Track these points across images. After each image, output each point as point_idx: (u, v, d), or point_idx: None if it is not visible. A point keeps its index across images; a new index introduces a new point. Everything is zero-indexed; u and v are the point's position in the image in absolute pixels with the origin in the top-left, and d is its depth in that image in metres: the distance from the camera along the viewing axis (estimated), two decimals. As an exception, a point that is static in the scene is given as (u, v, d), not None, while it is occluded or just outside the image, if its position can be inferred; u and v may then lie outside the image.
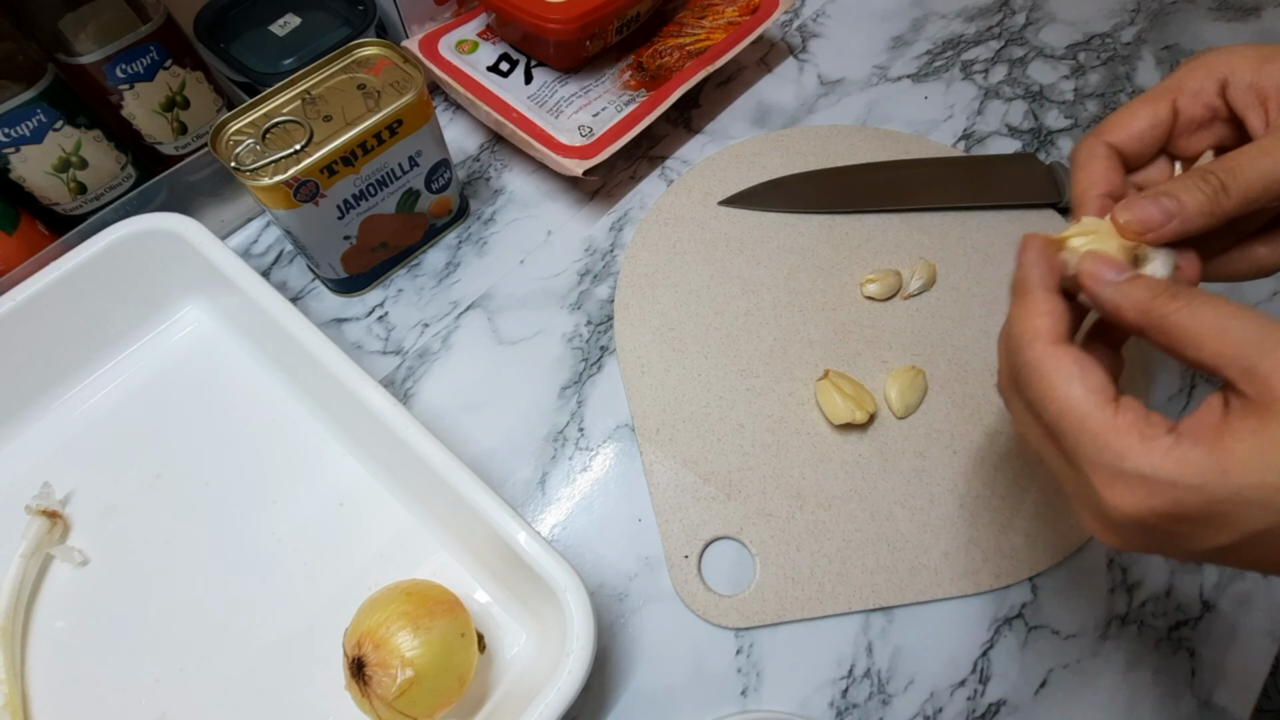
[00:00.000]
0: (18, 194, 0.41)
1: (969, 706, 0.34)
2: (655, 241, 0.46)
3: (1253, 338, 0.20)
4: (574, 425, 0.40)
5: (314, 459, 0.38)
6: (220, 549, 0.36)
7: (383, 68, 0.39)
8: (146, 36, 0.40)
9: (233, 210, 0.47)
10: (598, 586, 0.36)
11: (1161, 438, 0.21)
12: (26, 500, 0.36)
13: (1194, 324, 0.21)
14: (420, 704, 0.28)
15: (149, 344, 0.41)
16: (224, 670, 0.33)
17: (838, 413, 0.38)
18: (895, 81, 0.54)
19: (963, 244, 0.46)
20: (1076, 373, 0.22)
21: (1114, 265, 0.24)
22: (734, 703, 0.34)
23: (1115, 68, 0.55)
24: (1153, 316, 0.22)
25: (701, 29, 0.51)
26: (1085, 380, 0.22)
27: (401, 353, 0.43)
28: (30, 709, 0.33)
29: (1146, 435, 0.21)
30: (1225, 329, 0.20)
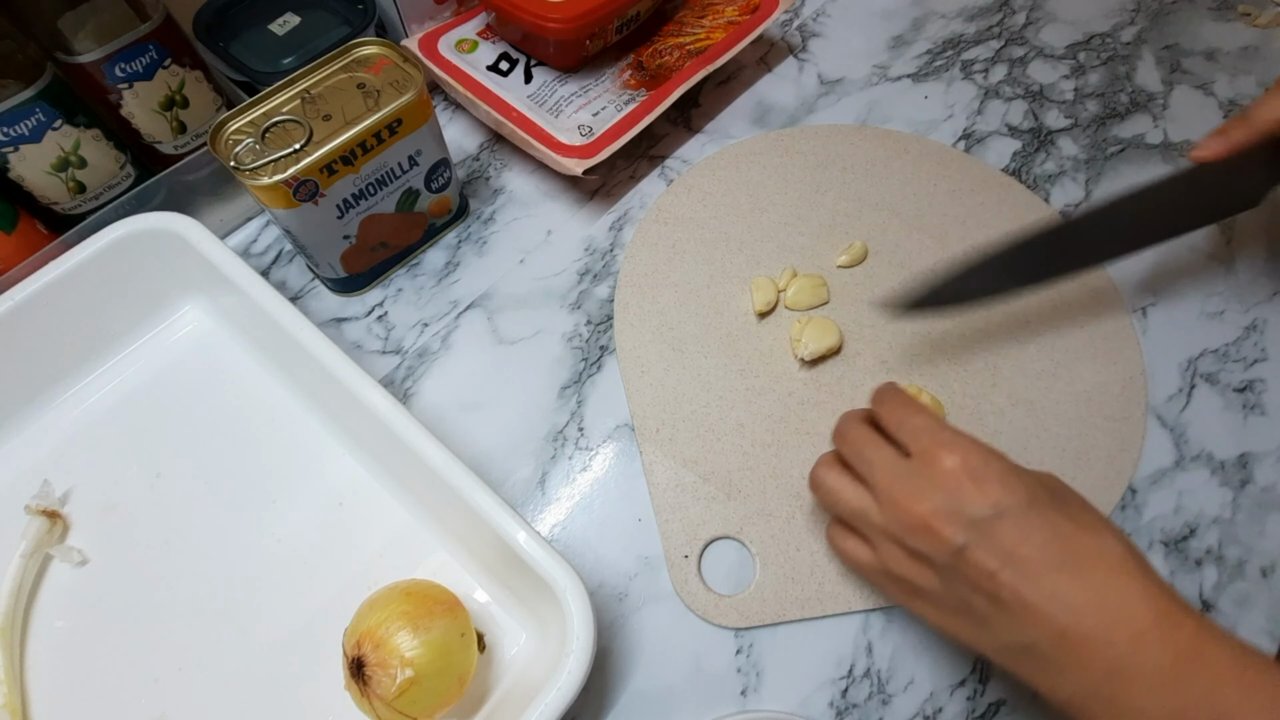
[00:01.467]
0: (17, 193, 0.41)
1: (969, 706, 0.34)
2: (655, 241, 0.46)
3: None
4: (574, 425, 0.40)
5: (314, 459, 0.38)
6: (220, 549, 0.36)
7: (382, 67, 0.39)
8: (146, 35, 0.40)
9: (232, 209, 0.47)
10: (598, 586, 0.36)
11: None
12: (26, 500, 0.36)
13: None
14: (420, 704, 0.28)
15: (148, 343, 0.41)
16: (224, 670, 0.33)
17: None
18: (895, 81, 0.54)
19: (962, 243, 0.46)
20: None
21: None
22: (734, 703, 0.34)
23: (1115, 67, 0.55)
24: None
25: (701, 28, 0.50)
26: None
27: (401, 352, 0.43)
28: (30, 709, 0.33)
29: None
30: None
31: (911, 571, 0.28)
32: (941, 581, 0.27)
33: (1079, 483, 0.38)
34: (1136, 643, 0.23)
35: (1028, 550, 0.25)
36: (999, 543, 0.25)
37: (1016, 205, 0.47)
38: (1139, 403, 0.40)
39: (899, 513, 0.28)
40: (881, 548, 0.29)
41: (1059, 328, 0.42)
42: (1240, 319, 0.44)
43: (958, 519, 0.26)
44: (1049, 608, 0.24)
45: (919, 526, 0.27)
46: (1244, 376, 0.42)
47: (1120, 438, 0.39)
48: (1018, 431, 0.39)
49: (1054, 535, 0.25)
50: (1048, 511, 0.26)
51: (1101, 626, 0.24)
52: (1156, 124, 0.52)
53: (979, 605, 0.26)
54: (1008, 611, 0.25)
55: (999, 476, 0.27)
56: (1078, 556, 0.25)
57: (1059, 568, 0.25)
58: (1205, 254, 0.46)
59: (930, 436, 0.28)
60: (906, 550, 0.28)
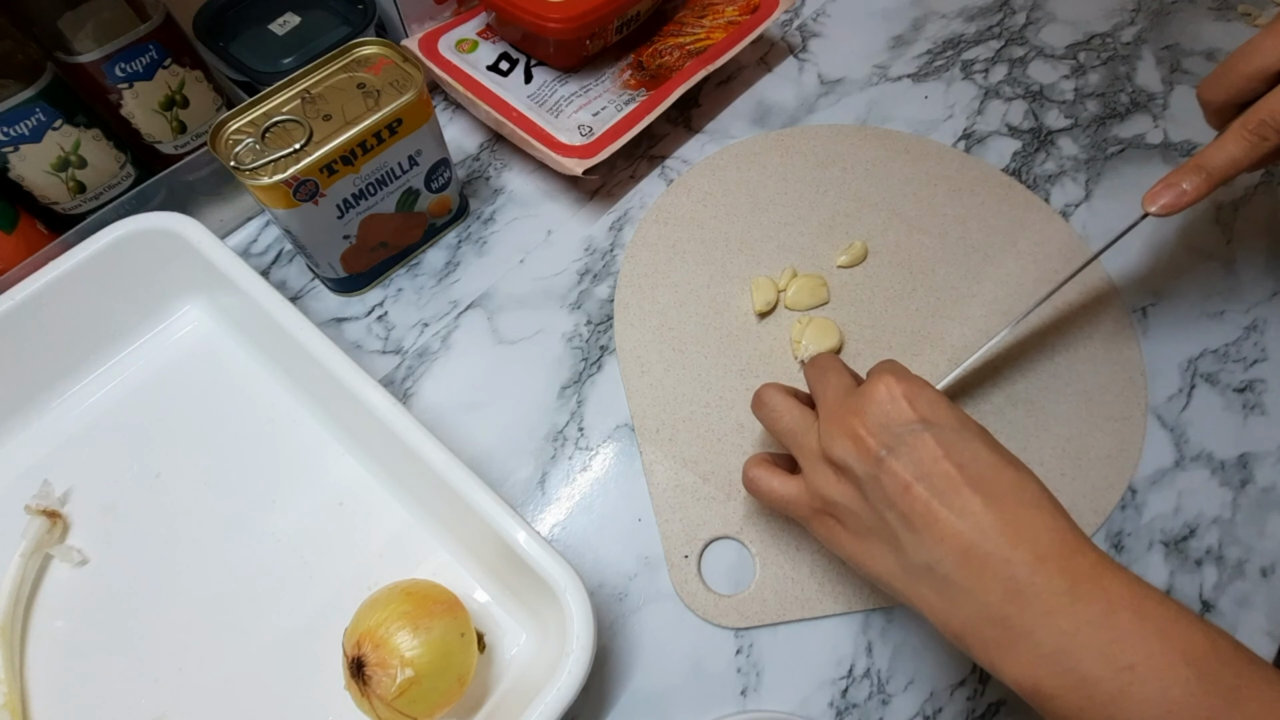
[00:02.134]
0: (16, 193, 0.41)
1: (969, 706, 0.34)
2: (655, 241, 0.46)
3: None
4: (574, 425, 0.40)
5: (314, 459, 0.38)
6: (220, 549, 0.36)
7: (382, 67, 0.39)
8: (146, 35, 0.40)
9: (232, 209, 0.47)
10: (597, 586, 0.36)
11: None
12: (26, 500, 0.35)
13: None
14: (420, 704, 0.28)
15: (148, 343, 0.41)
16: (224, 670, 0.33)
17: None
18: (895, 81, 0.54)
19: (962, 243, 0.46)
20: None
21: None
22: (734, 703, 0.34)
23: (1115, 67, 0.55)
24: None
25: (701, 28, 0.50)
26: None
27: (401, 352, 0.43)
28: (29, 709, 0.33)
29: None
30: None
31: (836, 490, 0.28)
32: (862, 498, 0.28)
33: (1079, 483, 0.38)
34: (1037, 565, 0.23)
35: (944, 467, 0.25)
36: (918, 455, 0.26)
37: (1016, 205, 0.47)
38: (1139, 403, 0.40)
39: (836, 425, 0.29)
40: (810, 470, 0.30)
41: (1059, 327, 0.42)
42: (1240, 319, 0.44)
43: (884, 430, 0.27)
44: (956, 524, 0.25)
45: (847, 433, 0.28)
46: (1244, 376, 0.42)
47: (1120, 438, 0.39)
48: (1018, 431, 0.39)
49: (973, 459, 0.26)
50: (971, 439, 0.26)
51: (1005, 546, 0.24)
52: (1157, 124, 0.52)
53: (891, 521, 0.26)
54: (916, 527, 0.25)
55: (930, 401, 0.28)
56: (992, 484, 0.25)
57: (973, 488, 0.25)
58: (1205, 254, 0.46)
59: (884, 368, 0.29)
60: (833, 466, 0.29)
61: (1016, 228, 0.46)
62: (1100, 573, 0.23)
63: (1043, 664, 0.23)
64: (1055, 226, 0.47)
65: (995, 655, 0.24)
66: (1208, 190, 0.32)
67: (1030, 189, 0.48)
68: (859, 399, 0.29)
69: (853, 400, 0.29)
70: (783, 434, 0.32)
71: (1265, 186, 0.49)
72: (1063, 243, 0.46)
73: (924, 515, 0.25)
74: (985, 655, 0.24)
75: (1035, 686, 0.23)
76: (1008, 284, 0.44)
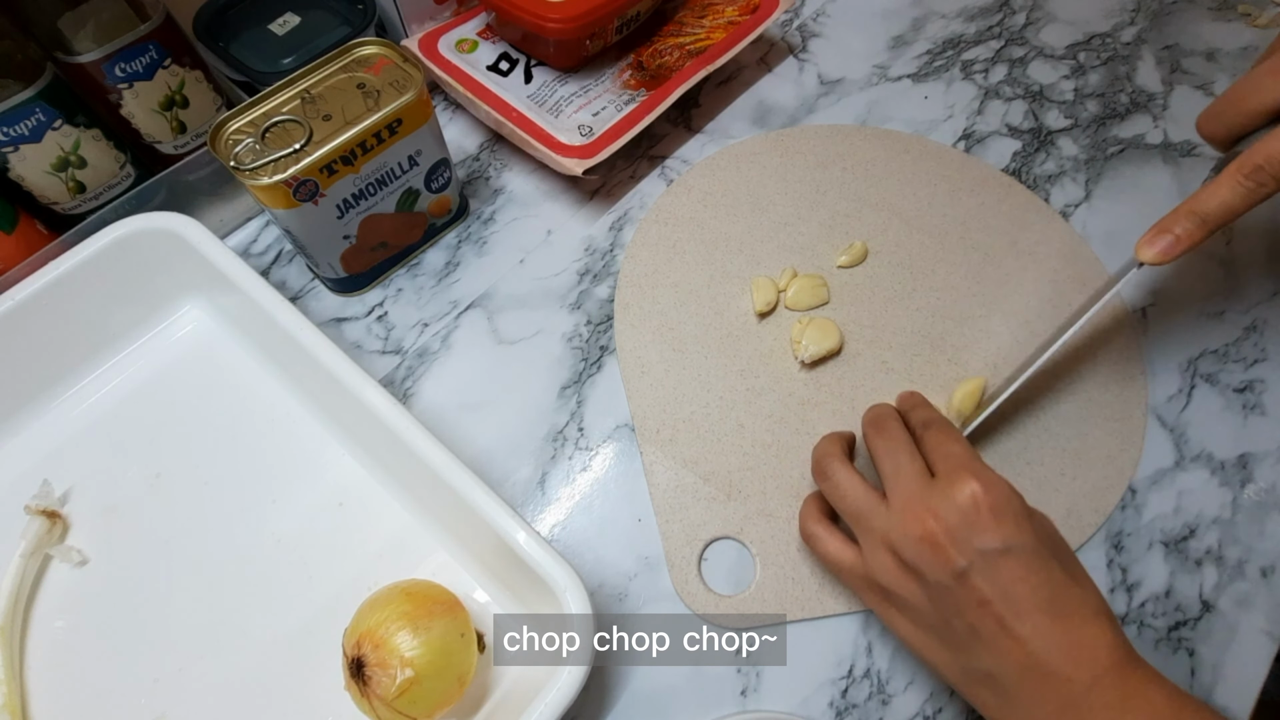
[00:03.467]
0: (16, 193, 0.41)
1: (969, 706, 0.34)
2: (655, 241, 0.46)
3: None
4: (574, 425, 0.40)
5: (314, 459, 0.38)
6: (220, 549, 0.36)
7: (382, 67, 0.39)
8: (146, 35, 0.40)
9: (232, 209, 0.47)
10: (597, 586, 0.36)
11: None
12: (26, 500, 0.35)
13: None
14: (420, 704, 0.28)
15: (148, 343, 0.41)
16: (223, 670, 0.33)
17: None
18: (895, 81, 0.54)
19: (962, 243, 0.46)
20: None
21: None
22: (734, 703, 0.34)
23: (1115, 68, 0.55)
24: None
25: (701, 28, 0.50)
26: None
27: (401, 352, 0.43)
28: (29, 709, 0.33)
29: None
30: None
31: (898, 582, 0.29)
32: (928, 599, 0.28)
33: (1079, 483, 0.38)
34: (1094, 682, 0.25)
35: (1023, 589, 0.26)
36: (999, 576, 0.27)
37: (1016, 205, 0.47)
38: (1139, 403, 0.40)
39: (910, 522, 0.28)
40: (872, 553, 0.30)
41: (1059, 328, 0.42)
42: (1240, 319, 0.44)
43: (966, 545, 0.27)
44: (1027, 642, 0.26)
45: (927, 540, 0.28)
46: (1244, 376, 0.42)
47: (1120, 438, 0.39)
48: (1018, 431, 0.39)
49: (1047, 580, 0.27)
50: (1048, 559, 0.27)
51: (1068, 664, 0.26)
52: (1157, 124, 0.52)
53: (959, 628, 0.27)
54: (985, 640, 0.27)
55: (1015, 517, 0.28)
56: (1062, 602, 0.27)
57: (1045, 609, 0.26)
58: (1205, 254, 0.46)
59: (962, 464, 0.29)
60: (900, 561, 0.29)
61: (1016, 228, 0.46)
62: (1146, 687, 0.25)
63: None
64: (1055, 226, 0.47)
65: None
66: (1201, 238, 0.31)
67: (1030, 189, 0.48)
68: (940, 501, 0.28)
69: (933, 501, 0.28)
70: (846, 513, 0.32)
71: (1265, 186, 0.49)
72: (1063, 243, 0.46)
73: (994, 631, 0.26)
74: None
75: None
76: (1008, 284, 0.44)
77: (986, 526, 0.27)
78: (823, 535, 0.33)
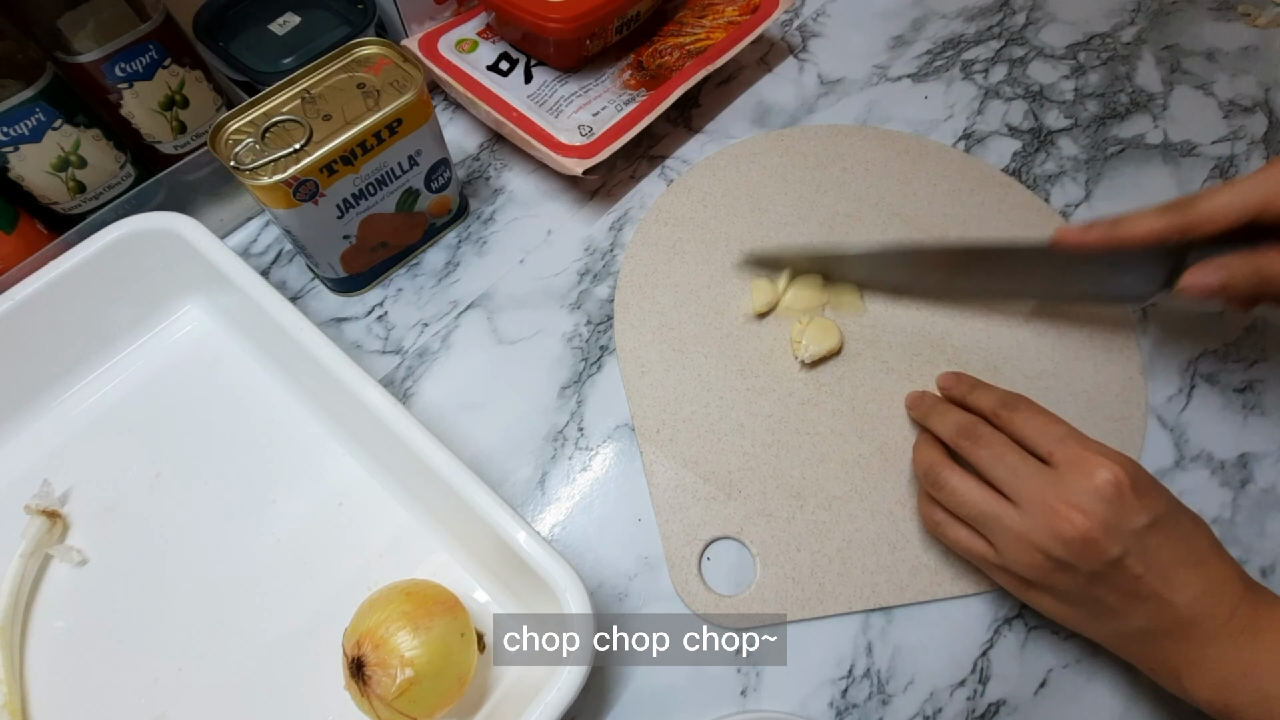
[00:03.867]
0: (16, 193, 0.41)
1: (969, 706, 0.34)
2: (655, 241, 0.46)
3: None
4: (574, 425, 0.40)
5: (314, 459, 0.38)
6: (220, 549, 0.36)
7: (382, 67, 0.39)
8: (146, 35, 0.40)
9: (232, 209, 0.47)
10: (597, 586, 0.36)
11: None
12: (26, 500, 0.35)
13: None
14: (420, 704, 0.28)
15: (148, 343, 0.41)
16: (223, 670, 0.33)
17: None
18: (895, 81, 0.54)
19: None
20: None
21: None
22: (734, 703, 0.34)
23: (1115, 67, 0.55)
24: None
25: (701, 28, 0.50)
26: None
27: (401, 352, 0.43)
28: (29, 709, 0.33)
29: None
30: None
31: (1043, 575, 0.30)
32: (1077, 585, 0.29)
33: (1079, 483, 0.38)
34: (1231, 613, 0.28)
35: (1167, 554, 0.28)
36: (1148, 550, 0.28)
37: (1016, 205, 0.47)
38: (1139, 403, 0.40)
39: (1057, 523, 0.29)
40: (1010, 550, 0.30)
41: (1059, 327, 0.42)
42: (1240, 319, 0.44)
43: (1118, 532, 0.28)
44: (1176, 598, 0.28)
45: (1080, 539, 0.28)
46: (1244, 377, 0.42)
47: (1120, 438, 0.39)
48: (1018, 431, 0.39)
49: (1182, 535, 0.29)
50: (1178, 514, 0.29)
51: (1210, 604, 0.28)
52: (1156, 124, 0.52)
53: (1111, 602, 0.29)
54: (1139, 605, 0.28)
55: (1148, 487, 0.29)
56: (1195, 550, 0.29)
57: (1185, 562, 0.28)
58: (1205, 254, 0.46)
59: (1077, 445, 0.30)
60: (1051, 559, 0.29)
61: (1017, 228, 0.46)
62: (1274, 608, 0.28)
63: (1231, 686, 0.27)
64: (1055, 226, 0.47)
65: (1189, 684, 0.28)
66: (1105, 247, 0.33)
67: (1030, 189, 0.48)
68: (1079, 494, 0.29)
69: (1071, 495, 0.29)
70: (972, 519, 0.32)
71: (1265, 186, 0.49)
72: (1063, 243, 0.46)
73: (1149, 597, 0.28)
74: (1177, 684, 0.29)
75: (1226, 704, 0.27)
76: (1008, 284, 0.44)
77: (1132, 508, 0.28)
78: (947, 523, 0.33)
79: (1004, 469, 0.31)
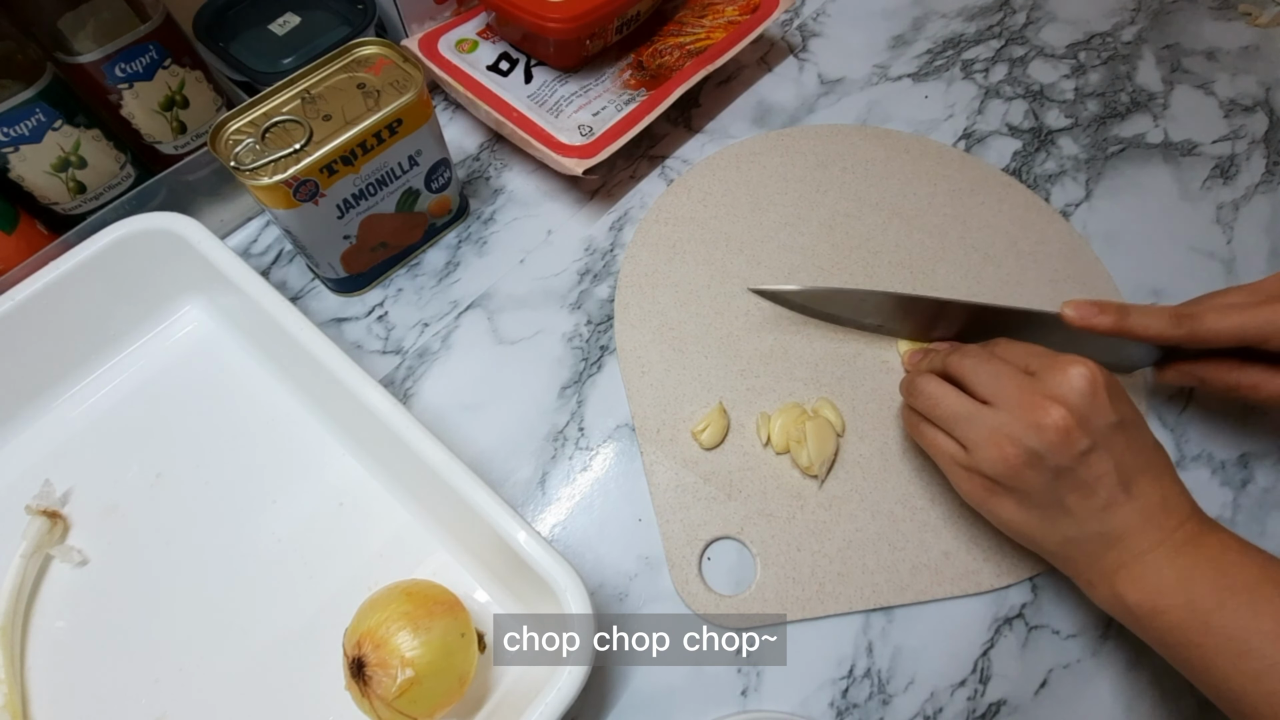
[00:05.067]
0: (17, 193, 0.41)
1: (969, 706, 0.34)
2: (655, 241, 0.46)
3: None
4: (574, 425, 0.40)
5: (314, 459, 0.38)
6: (220, 549, 0.36)
7: (382, 67, 0.39)
8: (146, 36, 0.40)
9: (232, 210, 0.47)
10: (598, 586, 0.36)
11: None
12: (26, 500, 0.36)
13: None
14: (420, 704, 0.28)
15: (149, 343, 0.41)
16: (224, 670, 0.33)
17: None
18: (895, 81, 0.54)
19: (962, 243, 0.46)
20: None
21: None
22: (734, 703, 0.34)
23: (1116, 67, 0.55)
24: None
25: (701, 28, 0.50)
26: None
27: (401, 352, 0.43)
28: (30, 709, 0.33)
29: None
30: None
31: (1012, 473, 0.30)
32: (1044, 482, 0.30)
33: (1079, 482, 0.38)
34: (1176, 527, 0.30)
35: (1130, 458, 0.30)
36: (1114, 449, 0.30)
37: (1016, 205, 0.47)
38: (1139, 403, 0.40)
39: (1035, 412, 0.30)
40: (981, 449, 0.31)
41: (1059, 327, 0.42)
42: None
43: (1088, 425, 0.29)
44: (1133, 504, 0.30)
45: (1055, 426, 0.29)
46: (1244, 376, 0.42)
47: (1121, 437, 0.39)
48: (1018, 431, 0.39)
49: (1143, 445, 0.31)
50: (1142, 425, 0.31)
51: (1162, 514, 0.30)
52: (1157, 124, 0.52)
53: (1072, 502, 0.30)
54: (1096, 506, 0.30)
55: (1120, 391, 0.31)
56: (1155, 464, 0.31)
57: (1145, 470, 0.30)
58: (1205, 254, 0.46)
59: (1052, 356, 0.31)
60: (1021, 450, 0.30)
61: (1017, 227, 0.46)
62: (1214, 525, 0.30)
63: (1162, 591, 0.29)
64: (1056, 226, 0.47)
65: (1121, 586, 0.30)
66: (1114, 331, 0.34)
67: (1030, 189, 0.48)
68: (1057, 388, 0.30)
69: (1050, 389, 0.30)
70: (945, 419, 0.33)
71: (1265, 186, 0.49)
72: (1063, 243, 0.46)
73: (1109, 499, 0.30)
74: (1109, 589, 0.30)
75: (1153, 606, 0.29)
76: (1008, 284, 0.44)
77: (1104, 404, 0.30)
78: (925, 427, 0.34)
79: (986, 374, 0.32)
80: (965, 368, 0.33)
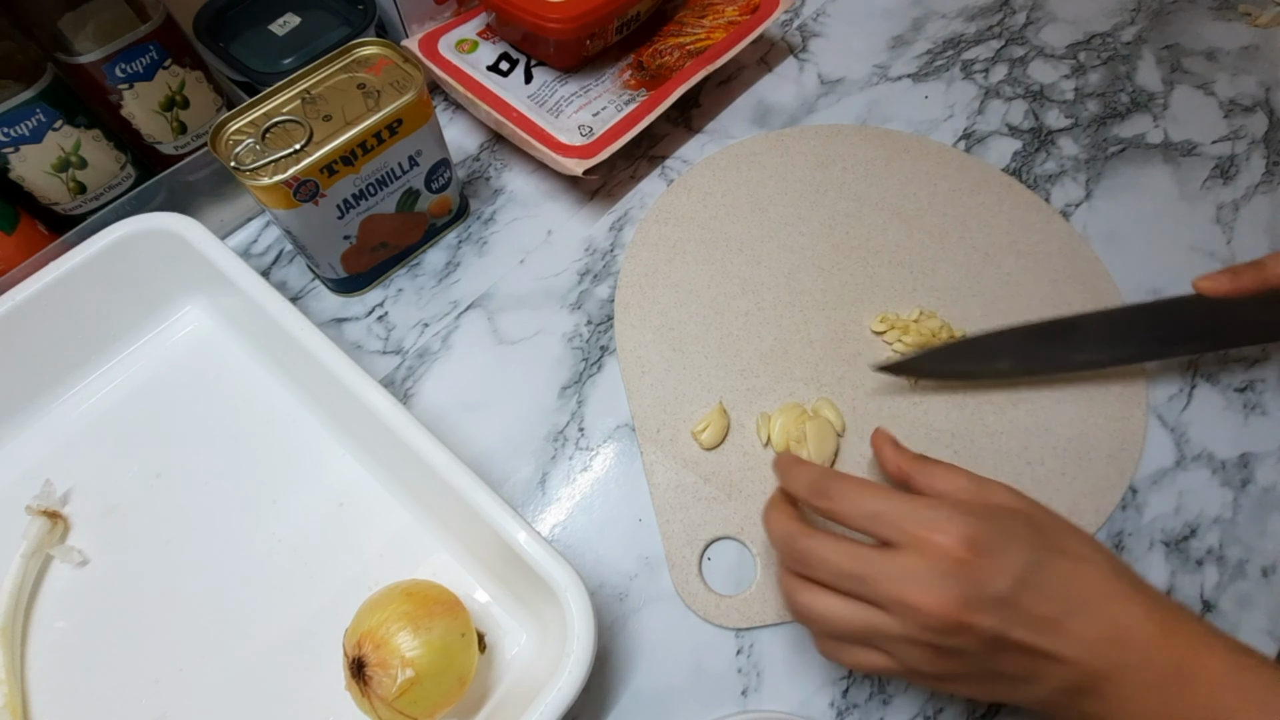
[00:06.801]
0: (17, 193, 0.41)
1: (969, 707, 0.34)
2: (655, 241, 0.46)
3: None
4: (574, 425, 0.40)
5: (314, 459, 0.38)
6: (220, 549, 0.36)
7: (382, 67, 0.39)
8: (146, 36, 0.40)
9: (232, 210, 0.47)
10: (598, 586, 0.36)
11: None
12: (27, 500, 0.36)
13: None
14: (420, 704, 0.28)
15: (149, 344, 0.41)
16: (224, 670, 0.33)
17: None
18: (896, 81, 0.54)
19: (962, 243, 0.46)
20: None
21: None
22: (734, 703, 0.34)
23: (1116, 67, 0.55)
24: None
25: (701, 28, 0.50)
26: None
27: (401, 352, 0.43)
28: (30, 709, 0.33)
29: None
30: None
31: (941, 665, 0.27)
32: (976, 664, 0.26)
33: (1079, 483, 0.38)
34: (1146, 660, 0.25)
35: (1049, 609, 0.25)
36: (1027, 614, 0.25)
37: (1017, 205, 0.47)
38: (1139, 403, 0.40)
39: (923, 617, 0.25)
40: (903, 652, 0.27)
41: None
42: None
43: (984, 604, 0.25)
44: (1077, 655, 0.25)
45: (950, 627, 0.25)
46: (1244, 376, 0.42)
47: (1120, 438, 0.39)
48: (1019, 430, 0.39)
49: (1062, 582, 0.26)
50: (1051, 559, 0.26)
51: (1117, 655, 0.25)
52: (1157, 124, 0.52)
53: (1015, 672, 0.26)
54: (1042, 670, 0.26)
55: (999, 541, 0.26)
56: (1085, 595, 0.26)
57: (1078, 613, 0.26)
58: (1205, 254, 0.46)
59: (908, 520, 0.27)
60: (936, 649, 0.26)
61: (1017, 227, 0.46)
62: (1198, 650, 0.25)
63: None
64: (1056, 226, 0.47)
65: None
66: (1257, 288, 0.33)
67: (1030, 189, 0.48)
68: (926, 575, 0.25)
69: (920, 579, 0.26)
70: (855, 638, 0.28)
71: (1265, 186, 0.49)
72: (1063, 243, 0.46)
73: (1047, 661, 0.26)
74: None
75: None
76: (1008, 284, 0.44)
77: (988, 573, 0.25)
78: (843, 651, 0.29)
79: (849, 581, 0.27)
80: (822, 573, 0.28)
